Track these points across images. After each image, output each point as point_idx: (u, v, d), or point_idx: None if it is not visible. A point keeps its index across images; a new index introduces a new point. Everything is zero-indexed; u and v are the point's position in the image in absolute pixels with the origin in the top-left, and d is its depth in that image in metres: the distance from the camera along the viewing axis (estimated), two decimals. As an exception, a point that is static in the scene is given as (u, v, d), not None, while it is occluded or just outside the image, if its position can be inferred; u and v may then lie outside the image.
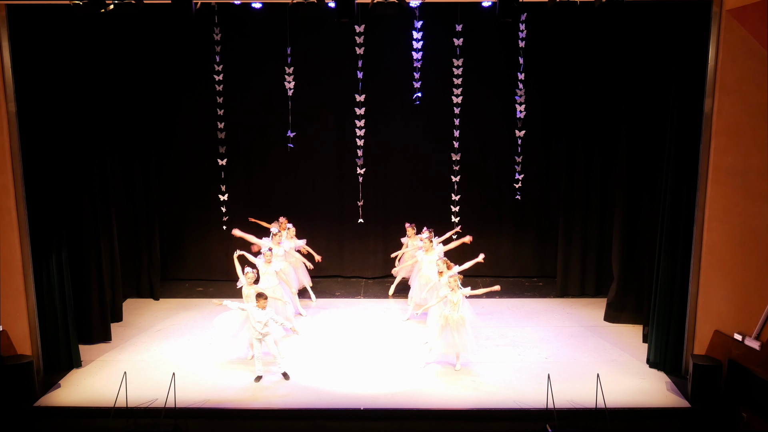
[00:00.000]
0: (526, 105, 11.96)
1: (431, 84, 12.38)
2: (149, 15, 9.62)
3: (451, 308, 10.39)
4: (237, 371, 10.66)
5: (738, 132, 9.69)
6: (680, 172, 10.17)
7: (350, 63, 11.92)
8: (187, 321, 12.47)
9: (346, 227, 14.07)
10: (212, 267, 14.27)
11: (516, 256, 14.40)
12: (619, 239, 12.18)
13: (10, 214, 10.11)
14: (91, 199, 11.38)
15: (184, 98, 13.45)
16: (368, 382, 10.34)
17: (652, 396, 10.04)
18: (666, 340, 10.56)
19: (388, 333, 11.96)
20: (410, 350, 11.31)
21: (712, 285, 10.12)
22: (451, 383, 10.32)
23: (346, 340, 11.69)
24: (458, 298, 10.42)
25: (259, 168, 13.89)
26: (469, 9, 11.08)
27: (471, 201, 13.53)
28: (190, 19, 9.13)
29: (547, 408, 9.36)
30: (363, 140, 12.49)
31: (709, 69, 9.76)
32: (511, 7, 9.04)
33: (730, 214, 9.88)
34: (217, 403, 9.80)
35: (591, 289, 13.54)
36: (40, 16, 9.94)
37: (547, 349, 11.35)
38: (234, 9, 11.19)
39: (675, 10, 9.96)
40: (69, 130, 10.81)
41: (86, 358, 11.02)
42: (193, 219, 14.06)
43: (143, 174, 13.05)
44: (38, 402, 9.89)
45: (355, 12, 9.18)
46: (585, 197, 13.27)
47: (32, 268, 10.37)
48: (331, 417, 9.69)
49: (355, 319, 12.58)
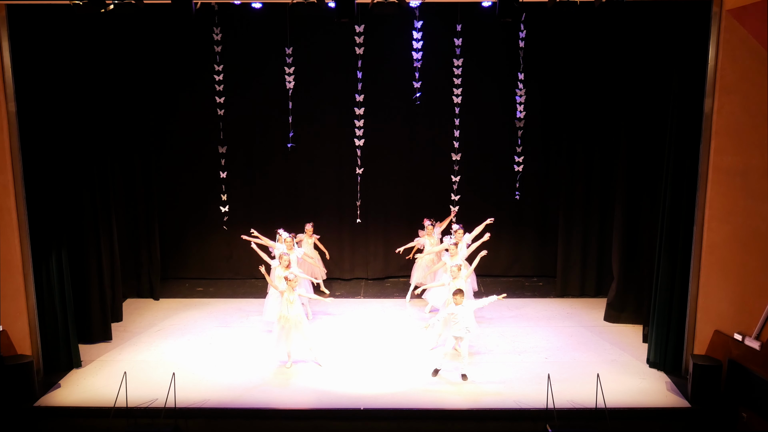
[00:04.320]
0: (526, 105, 11.98)
1: (431, 84, 12.39)
2: (149, 15, 9.62)
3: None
4: (237, 371, 10.66)
5: (738, 132, 9.69)
6: (680, 172, 10.17)
7: (350, 63, 11.93)
8: (187, 321, 12.48)
9: (346, 227, 14.07)
10: (212, 267, 14.29)
11: (516, 255, 14.40)
12: (619, 239, 12.18)
13: (10, 214, 10.11)
14: (91, 199, 11.37)
15: (184, 98, 13.45)
16: (368, 382, 10.34)
17: (652, 396, 10.04)
18: (666, 340, 10.57)
19: (388, 333, 11.96)
20: (410, 350, 11.31)
21: (712, 285, 10.12)
22: (451, 383, 10.32)
23: (346, 340, 11.69)
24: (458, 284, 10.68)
25: (259, 168, 13.90)
26: (469, 9, 11.09)
27: (471, 201, 13.52)
28: (190, 19, 9.13)
29: (547, 408, 9.36)
30: (363, 140, 12.51)
31: (709, 69, 9.75)
32: (511, 7, 9.04)
33: (730, 214, 9.87)
34: (217, 403, 9.80)
35: (591, 289, 13.54)
36: (40, 16, 9.94)
37: (547, 349, 11.35)
38: (234, 9, 11.18)
39: (675, 10, 9.96)
40: (69, 130, 10.81)
41: (86, 358, 11.02)
42: (193, 219, 14.06)
43: (143, 174, 13.05)
44: (38, 402, 9.88)
45: (355, 12, 9.18)
46: (585, 197, 13.27)
47: (32, 268, 10.37)
48: (331, 417, 9.69)
49: (355, 319, 12.58)
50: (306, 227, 12.87)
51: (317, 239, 12.98)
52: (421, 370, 10.65)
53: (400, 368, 10.73)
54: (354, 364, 10.85)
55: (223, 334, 11.91)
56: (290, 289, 10.61)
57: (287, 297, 10.59)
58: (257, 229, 12.16)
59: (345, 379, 10.43)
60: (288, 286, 10.62)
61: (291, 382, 10.35)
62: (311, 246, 12.88)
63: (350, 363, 10.90)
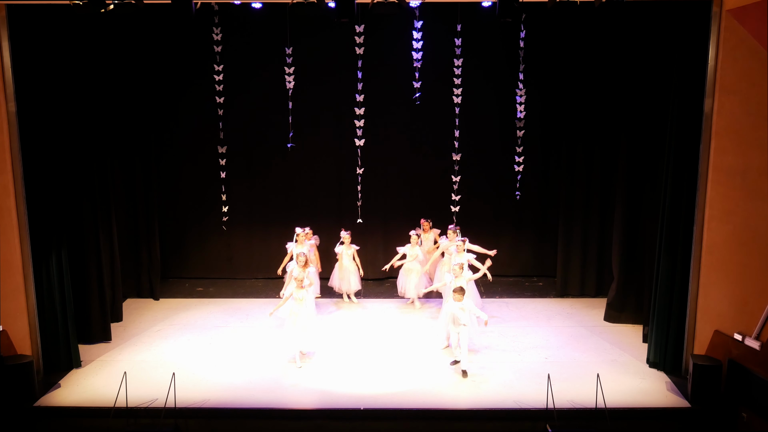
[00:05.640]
0: (526, 104, 11.98)
1: (431, 84, 12.39)
2: (149, 15, 9.62)
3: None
4: (237, 371, 10.66)
5: (738, 132, 9.69)
6: (680, 172, 10.17)
7: (350, 63, 11.93)
8: (187, 321, 12.48)
9: (345, 227, 14.05)
10: (212, 267, 14.29)
11: (516, 255, 14.40)
12: (619, 239, 12.18)
13: (10, 214, 10.11)
14: (91, 199, 11.37)
15: (184, 98, 13.45)
16: (368, 382, 10.34)
17: (652, 396, 10.04)
18: (666, 340, 10.57)
19: (388, 333, 11.96)
20: (410, 350, 11.31)
21: (712, 285, 10.12)
22: (451, 383, 10.32)
23: (346, 341, 11.68)
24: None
25: (259, 168, 13.89)
26: (469, 9, 11.09)
27: (471, 201, 13.53)
28: (190, 19, 9.13)
29: (547, 408, 9.36)
30: (363, 140, 12.51)
31: (709, 69, 9.75)
32: (511, 7, 9.04)
33: (730, 214, 9.87)
34: (217, 403, 9.80)
35: (591, 289, 13.54)
36: (40, 16, 9.93)
37: (547, 349, 11.35)
38: (234, 9, 11.19)
39: (675, 10, 9.96)
40: (69, 130, 10.80)
41: (86, 358, 11.02)
42: (193, 219, 14.07)
43: (143, 174, 13.04)
44: (38, 402, 9.88)
45: (355, 12, 9.18)
46: (585, 197, 13.26)
47: (32, 268, 10.37)
48: (331, 417, 9.69)
49: (355, 319, 12.58)
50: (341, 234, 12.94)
51: (356, 251, 12.96)
52: (421, 370, 10.65)
53: (400, 368, 10.73)
54: (354, 365, 10.85)
55: (223, 334, 11.91)
56: (299, 287, 10.78)
57: (296, 295, 10.75)
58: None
59: (345, 379, 10.43)
60: (297, 285, 10.78)
61: (291, 383, 10.34)
62: (351, 254, 12.90)
63: (350, 363, 10.90)
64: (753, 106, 9.49)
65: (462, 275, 11.08)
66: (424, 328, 12.07)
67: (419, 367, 10.74)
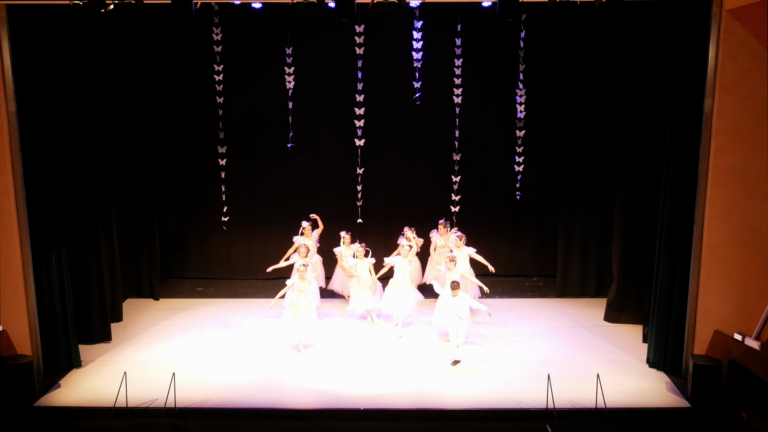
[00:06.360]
0: (527, 104, 11.98)
1: (431, 84, 12.40)
2: (149, 15, 9.62)
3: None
4: (237, 371, 10.66)
5: (738, 132, 9.69)
6: (680, 172, 10.18)
7: (350, 63, 11.94)
8: (187, 321, 12.48)
9: (345, 227, 14.04)
10: (212, 267, 14.28)
11: (515, 255, 14.39)
12: (619, 239, 12.19)
13: (10, 214, 10.11)
14: (91, 199, 11.37)
15: (184, 98, 13.45)
16: (368, 382, 10.34)
17: (652, 396, 10.05)
18: (666, 340, 10.57)
19: (388, 333, 11.96)
20: (410, 350, 11.31)
21: (712, 285, 10.12)
22: (451, 383, 10.32)
23: (346, 341, 11.68)
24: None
25: (259, 168, 13.88)
26: (469, 9, 11.10)
27: (471, 201, 13.53)
28: (190, 19, 9.14)
29: (547, 408, 9.36)
30: (363, 140, 12.51)
31: (709, 69, 9.76)
32: (511, 7, 9.05)
33: (730, 214, 9.88)
34: (217, 403, 9.80)
35: (591, 289, 13.54)
36: (40, 16, 9.94)
37: (547, 349, 11.35)
38: (234, 9, 11.20)
39: (675, 10, 9.96)
40: (69, 130, 10.81)
41: (86, 358, 11.02)
42: (193, 219, 14.06)
43: (143, 174, 13.05)
44: (38, 402, 9.88)
45: (355, 12, 9.19)
46: (585, 197, 13.27)
47: (32, 268, 10.37)
48: (331, 417, 9.69)
49: (355, 319, 12.57)
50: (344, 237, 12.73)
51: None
52: (421, 371, 10.65)
53: (401, 368, 10.73)
54: (354, 364, 10.85)
55: (223, 334, 11.91)
56: (301, 278, 10.89)
57: (298, 286, 10.87)
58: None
59: (345, 379, 10.43)
60: (299, 276, 10.91)
61: (291, 383, 10.34)
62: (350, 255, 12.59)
63: (350, 363, 10.90)
64: (753, 106, 9.49)
65: (455, 269, 11.22)
66: (424, 328, 12.06)
67: (419, 367, 10.74)
